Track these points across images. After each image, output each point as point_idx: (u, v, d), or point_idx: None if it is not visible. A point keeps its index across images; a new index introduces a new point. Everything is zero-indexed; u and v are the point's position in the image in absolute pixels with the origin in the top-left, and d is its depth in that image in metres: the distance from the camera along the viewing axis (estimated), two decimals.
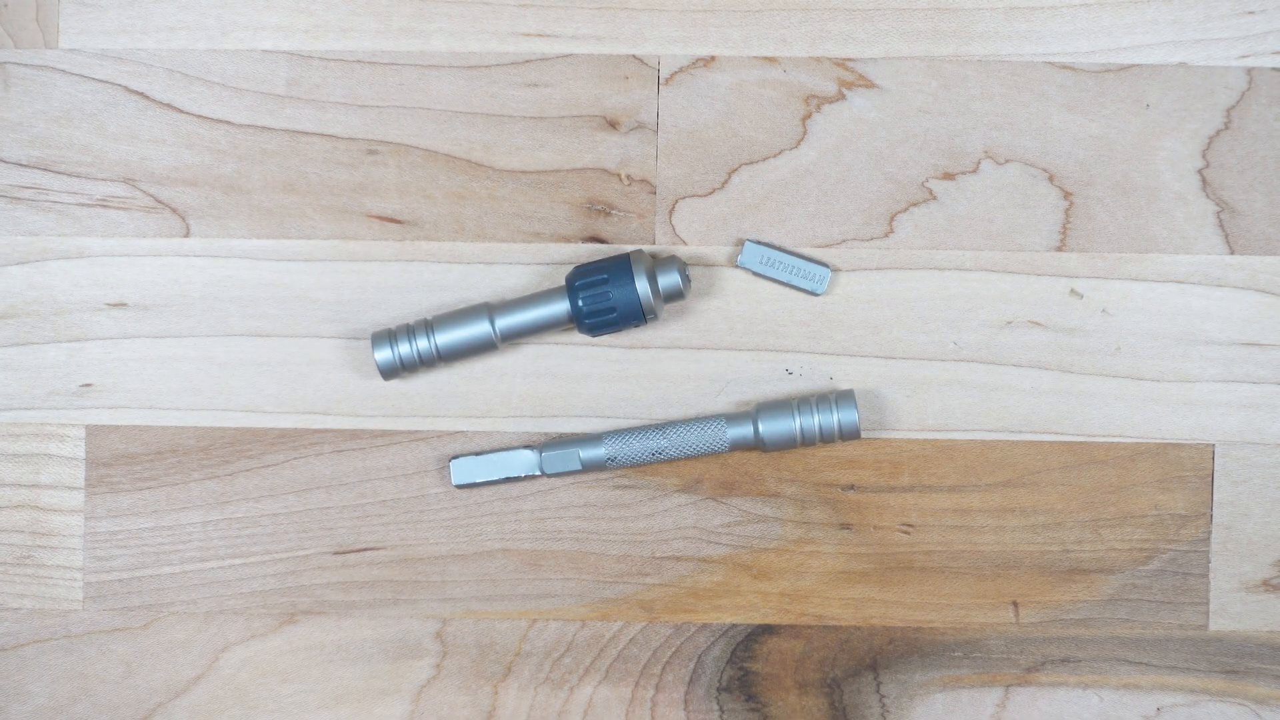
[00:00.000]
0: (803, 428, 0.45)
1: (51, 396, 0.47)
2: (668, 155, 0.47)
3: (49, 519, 0.47)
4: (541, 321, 0.45)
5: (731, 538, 0.47)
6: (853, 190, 0.47)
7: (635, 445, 0.45)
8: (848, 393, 0.45)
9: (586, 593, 0.47)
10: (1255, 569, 0.47)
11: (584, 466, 0.45)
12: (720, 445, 0.45)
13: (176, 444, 0.47)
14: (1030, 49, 0.47)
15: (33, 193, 0.47)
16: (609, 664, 0.47)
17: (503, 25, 0.47)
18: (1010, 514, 0.47)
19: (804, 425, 0.45)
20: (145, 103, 0.47)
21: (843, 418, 0.44)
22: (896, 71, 0.47)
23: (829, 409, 0.44)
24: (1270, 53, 0.47)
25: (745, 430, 0.45)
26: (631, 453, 0.45)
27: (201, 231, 0.47)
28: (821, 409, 0.45)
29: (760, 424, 0.45)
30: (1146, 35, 0.47)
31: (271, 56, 0.47)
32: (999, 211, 0.47)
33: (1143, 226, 0.47)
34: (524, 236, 0.47)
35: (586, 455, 0.45)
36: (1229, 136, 0.47)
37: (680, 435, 0.45)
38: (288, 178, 0.47)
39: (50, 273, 0.47)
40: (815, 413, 0.45)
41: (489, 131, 0.47)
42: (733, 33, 0.47)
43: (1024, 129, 0.47)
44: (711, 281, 0.47)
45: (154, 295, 0.47)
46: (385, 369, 0.46)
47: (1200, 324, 0.47)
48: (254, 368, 0.47)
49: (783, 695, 0.47)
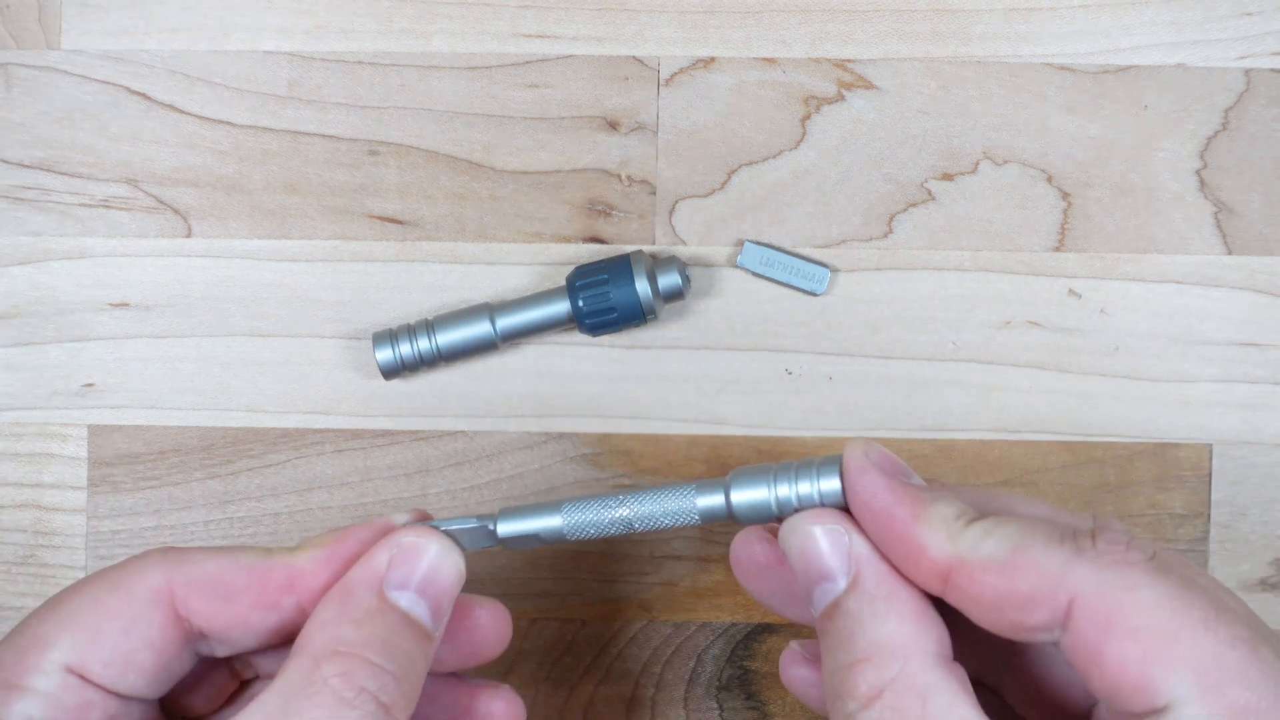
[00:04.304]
0: (779, 500, 0.36)
1: (54, 396, 0.47)
2: (668, 156, 0.47)
3: (51, 518, 0.47)
4: (542, 321, 0.46)
5: (731, 537, 0.47)
6: (852, 191, 0.47)
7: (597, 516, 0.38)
8: (832, 459, 0.36)
9: (586, 593, 0.47)
10: (1253, 568, 0.47)
11: (543, 543, 0.38)
12: (690, 518, 0.37)
13: (178, 443, 0.47)
14: (1029, 50, 0.47)
15: (35, 193, 0.47)
16: (609, 663, 0.47)
17: (503, 26, 0.47)
18: None
19: (781, 497, 0.36)
20: (147, 103, 0.48)
21: (825, 488, 0.36)
22: (896, 73, 0.47)
23: (810, 476, 0.36)
24: (1268, 54, 0.47)
25: (717, 501, 0.37)
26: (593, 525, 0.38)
27: (203, 232, 0.47)
28: (802, 477, 0.36)
29: (732, 493, 0.37)
30: (1145, 36, 0.47)
31: (273, 57, 0.48)
32: (998, 212, 0.47)
33: (1141, 227, 0.47)
34: (524, 237, 0.47)
35: (546, 531, 0.38)
36: (1227, 137, 0.47)
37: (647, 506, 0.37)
38: (289, 178, 0.47)
39: (52, 273, 0.47)
40: (795, 481, 0.36)
41: (490, 132, 0.47)
42: (732, 34, 0.47)
43: (1023, 130, 0.47)
44: (711, 281, 0.47)
45: (156, 295, 0.47)
46: (386, 369, 0.46)
47: (1198, 324, 0.47)
48: (255, 368, 0.47)
49: (782, 694, 0.47)
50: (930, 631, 0.33)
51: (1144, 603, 0.31)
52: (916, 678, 0.32)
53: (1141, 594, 0.31)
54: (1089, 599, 0.31)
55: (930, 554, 0.33)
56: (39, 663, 0.34)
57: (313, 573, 0.36)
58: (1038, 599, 0.31)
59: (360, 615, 0.34)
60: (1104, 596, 0.31)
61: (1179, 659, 0.30)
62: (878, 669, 0.32)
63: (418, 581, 0.35)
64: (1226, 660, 0.30)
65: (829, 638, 0.34)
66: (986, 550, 0.32)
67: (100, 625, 0.34)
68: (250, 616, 0.36)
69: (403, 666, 0.34)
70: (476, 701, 0.39)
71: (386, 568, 0.35)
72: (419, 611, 0.35)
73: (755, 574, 0.38)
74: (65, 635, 0.34)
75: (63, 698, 0.34)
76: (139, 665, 0.34)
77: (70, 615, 0.35)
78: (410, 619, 0.35)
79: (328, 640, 0.34)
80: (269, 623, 0.36)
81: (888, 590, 0.33)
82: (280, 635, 0.36)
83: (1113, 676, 0.31)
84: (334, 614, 0.34)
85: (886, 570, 0.34)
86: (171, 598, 0.35)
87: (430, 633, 0.35)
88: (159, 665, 0.35)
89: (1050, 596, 0.31)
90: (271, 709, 0.32)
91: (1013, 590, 0.32)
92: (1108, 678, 0.31)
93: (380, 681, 0.33)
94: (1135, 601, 0.31)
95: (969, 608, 0.33)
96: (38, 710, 0.33)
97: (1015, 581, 0.32)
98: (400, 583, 0.35)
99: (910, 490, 0.34)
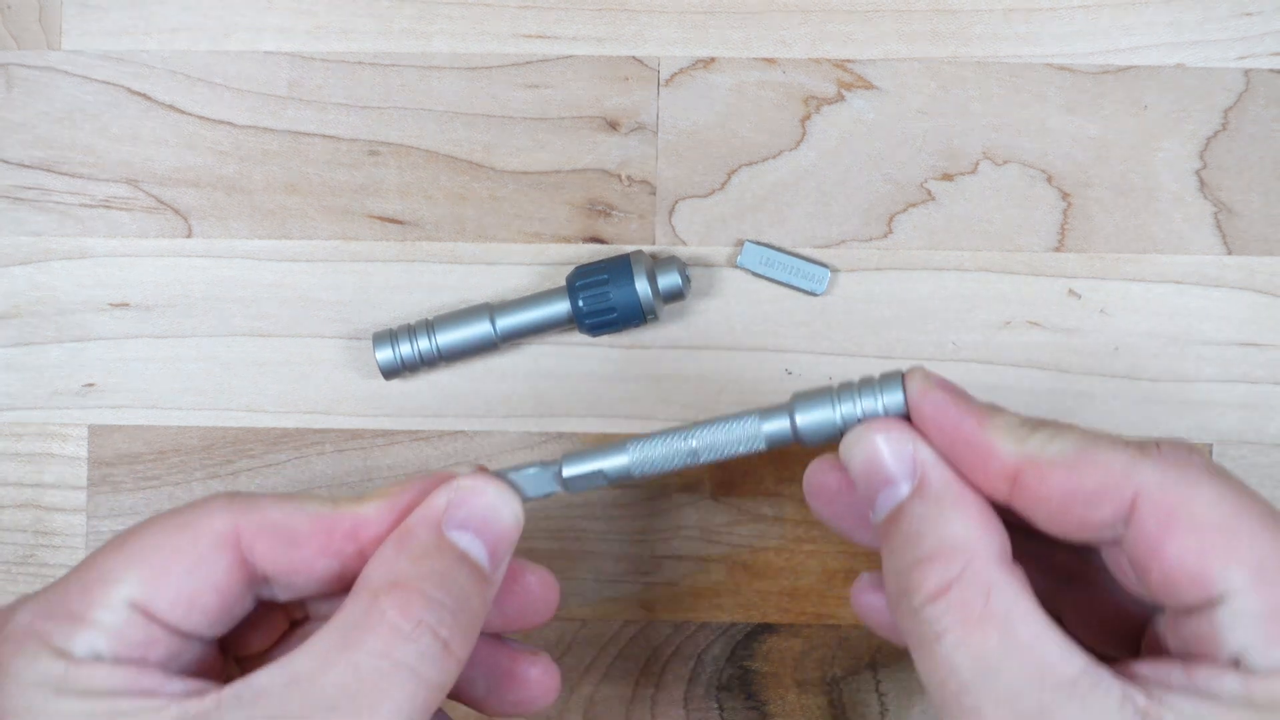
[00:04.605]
0: (844, 417, 0.37)
1: (54, 396, 0.47)
2: (668, 156, 0.47)
3: (52, 518, 0.47)
4: (542, 321, 0.46)
5: (731, 537, 0.47)
6: (852, 191, 0.47)
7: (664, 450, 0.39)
8: (894, 374, 0.37)
9: (586, 592, 0.47)
10: None
11: (610, 483, 0.39)
12: (756, 444, 0.38)
13: (179, 443, 0.47)
14: (1029, 50, 0.47)
15: (35, 193, 0.48)
16: (609, 663, 0.47)
17: (504, 27, 0.47)
18: None
19: (845, 414, 0.37)
20: (148, 104, 0.48)
21: (889, 402, 0.37)
22: (895, 73, 0.47)
23: (873, 393, 0.37)
24: (1267, 54, 0.47)
25: (782, 425, 0.38)
26: (661, 460, 0.39)
27: (203, 232, 0.48)
28: (865, 394, 0.37)
29: (797, 416, 0.38)
30: (1144, 37, 0.47)
31: (273, 58, 0.48)
32: (997, 212, 0.47)
33: (1141, 227, 0.47)
34: (524, 237, 0.47)
35: (612, 470, 0.39)
36: (1226, 137, 0.47)
37: (712, 435, 0.39)
38: (289, 178, 0.47)
39: (53, 273, 0.47)
40: (859, 398, 0.37)
41: (490, 132, 0.47)
42: (732, 34, 0.47)
43: (1022, 130, 0.47)
44: (711, 281, 0.47)
45: (156, 295, 0.47)
46: (386, 369, 0.46)
47: (1198, 324, 0.47)
48: (256, 367, 0.47)
49: (782, 694, 0.47)
50: (994, 533, 0.34)
51: (1205, 499, 0.32)
52: (981, 574, 0.33)
53: (1203, 490, 0.32)
54: (1152, 493, 0.33)
55: (1000, 455, 0.34)
56: (105, 598, 0.34)
57: (377, 521, 0.37)
58: (1104, 494, 0.33)
59: (418, 552, 0.35)
60: (1167, 492, 0.32)
61: (1236, 553, 0.32)
62: (944, 565, 0.33)
63: (475, 523, 0.36)
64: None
65: (893, 539, 0.35)
66: (1054, 450, 0.34)
67: (167, 564, 0.35)
68: (314, 563, 0.37)
69: (460, 603, 0.35)
70: (516, 665, 0.40)
71: (444, 509, 0.36)
72: (476, 552, 0.36)
73: (829, 500, 0.39)
74: (132, 572, 0.35)
75: (127, 633, 0.34)
76: (203, 606, 0.35)
77: (138, 553, 0.35)
78: (468, 558, 0.36)
79: (386, 575, 0.35)
80: (332, 569, 0.37)
81: (954, 493, 0.35)
82: (341, 582, 0.37)
83: (1172, 568, 0.32)
84: (393, 552, 0.36)
85: (951, 474, 0.35)
86: (238, 541, 0.36)
87: (487, 575, 0.36)
88: (222, 606, 0.36)
89: (1116, 492, 0.33)
90: (330, 643, 0.33)
91: (1079, 486, 0.33)
92: (1167, 570, 0.32)
93: (438, 615, 0.34)
94: (1197, 497, 0.32)
95: (1036, 509, 0.34)
96: (103, 644, 0.34)
97: (1082, 478, 0.33)
98: (458, 523, 0.36)
99: (974, 402, 0.36)
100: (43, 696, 0.33)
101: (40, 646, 0.34)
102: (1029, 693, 0.32)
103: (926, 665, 0.34)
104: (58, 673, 0.33)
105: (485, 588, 0.36)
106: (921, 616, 0.33)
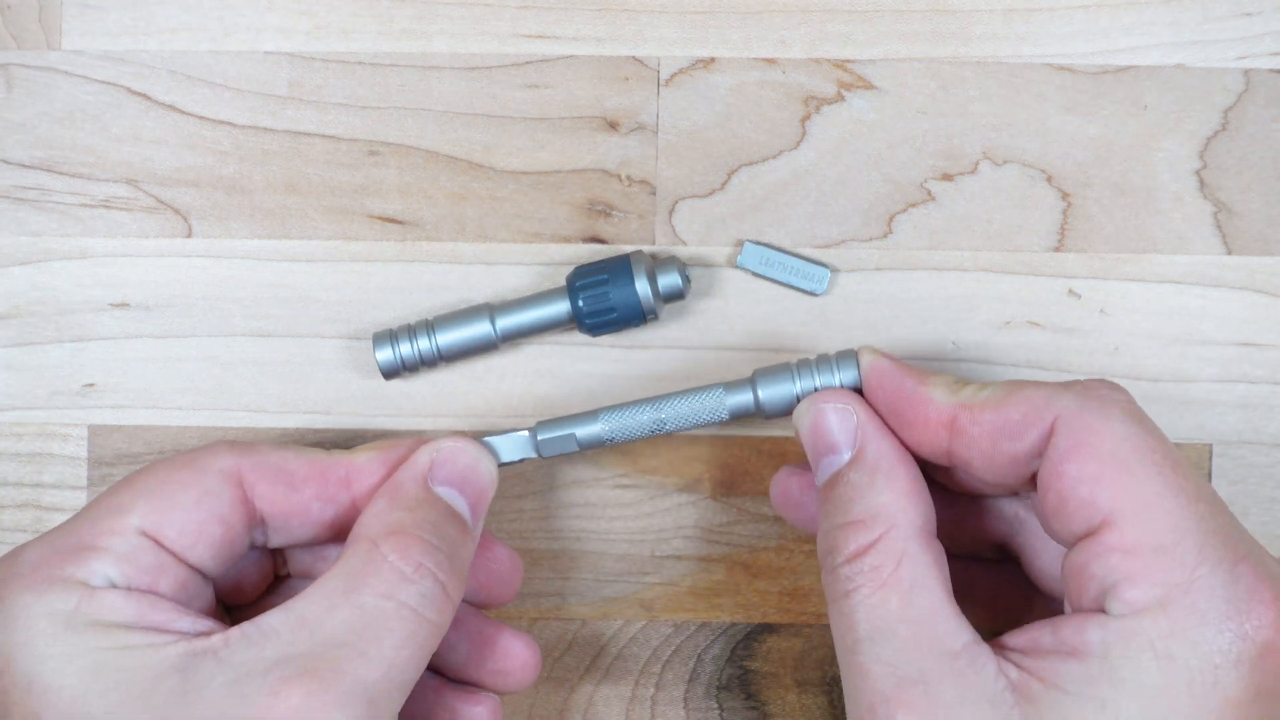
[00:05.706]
0: (802, 391, 0.42)
1: (54, 396, 0.47)
2: (668, 156, 0.47)
3: (52, 518, 0.47)
4: (542, 321, 0.46)
5: (731, 537, 0.47)
6: (852, 191, 0.47)
7: (634, 419, 0.43)
8: (849, 352, 0.42)
9: (586, 592, 0.47)
10: None
11: (581, 447, 0.43)
12: (719, 415, 0.42)
13: (179, 443, 0.47)
14: (1028, 50, 0.47)
15: (35, 193, 0.48)
16: (609, 663, 0.47)
17: (503, 27, 0.47)
18: None
19: (803, 387, 0.42)
20: (148, 104, 0.48)
21: (844, 378, 0.41)
22: (895, 73, 0.47)
23: (829, 368, 0.41)
24: (1267, 54, 0.47)
25: (745, 397, 0.42)
26: (630, 428, 0.43)
27: (203, 232, 0.48)
28: (821, 370, 0.41)
29: (759, 389, 0.42)
30: (1144, 37, 0.47)
31: (273, 58, 0.48)
32: (997, 212, 0.47)
33: (1140, 227, 0.47)
34: (524, 237, 0.47)
35: (584, 435, 0.43)
36: (1226, 137, 0.47)
37: (679, 406, 0.43)
38: (289, 178, 0.47)
39: (53, 273, 0.48)
40: (815, 374, 0.41)
41: (490, 132, 0.47)
42: (732, 34, 0.47)
43: (1022, 130, 0.47)
44: (711, 281, 0.47)
45: (156, 295, 0.47)
46: (386, 369, 0.46)
47: (1198, 324, 0.47)
48: (256, 368, 0.47)
49: (782, 694, 0.47)
50: (918, 506, 0.37)
51: (1115, 433, 0.35)
52: (896, 543, 0.36)
53: (1114, 425, 0.35)
54: (1069, 420, 0.35)
55: (937, 404, 0.38)
56: (115, 525, 0.36)
57: (369, 470, 0.40)
58: (1027, 424, 0.36)
59: (410, 503, 0.38)
60: (1081, 419, 0.35)
61: (1127, 487, 0.34)
62: (866, 531, 0.37)
63: (457, 479, 0.40)
64: (1165, 503, 0.34)
65: (828, 504, 0.38)
66: (985, 394, 0.37)
67: (175, 495, 0.37)
68: (310, 506, 0.39)
69: (452, 549, 0.38)
70: (500, 637, 0.42)
71: (429, 466, 0.40)
72: (459, 505, 0.39)
73: (794, 505, 0.43)
74: (141, 502, 0.37)
75: (138, 559, 0.36)
76: (208, 537, 0.37)
77: (146, 486, 0.38)
78: (452, 510, 0.39)
79: (382, 524, 0.37)
80: (326, 515, 0.40)
81: (888, 465, 0.38)
82: (334, 530, 0.40)
83: (1066, 490, 0.35)
84: (386, 504, 0.38)
85: (888, 447, 0.38)
86: (241, 479, 0.38)
87: (469, 527, 0.39)
88: (225, 540, 0.38)
89: (1037, 418, 0.36)
90: (334, 587, 0.36)
91: (1006, 419, 0.36)
92: (1062, 490, 0.35)
93: (435, 559, 0.37)
94: (1106, 430, 0.35)
95: (971, 452, 0.37)
96: (115, 570, 0.36)
97: (1008, 410, 0.36)
98: (442, 479, 0.39)
99: (916, 368, 0.40)
100: (52, 632, 0.34)
101: (51, 581, 0.35)
102: (913, 658, 0.34)
103: (834, 619, 0.37)
104: (69, 606, 0.35)
105: (468, 541, 0.39)
106: (838, 574, 0.36)
